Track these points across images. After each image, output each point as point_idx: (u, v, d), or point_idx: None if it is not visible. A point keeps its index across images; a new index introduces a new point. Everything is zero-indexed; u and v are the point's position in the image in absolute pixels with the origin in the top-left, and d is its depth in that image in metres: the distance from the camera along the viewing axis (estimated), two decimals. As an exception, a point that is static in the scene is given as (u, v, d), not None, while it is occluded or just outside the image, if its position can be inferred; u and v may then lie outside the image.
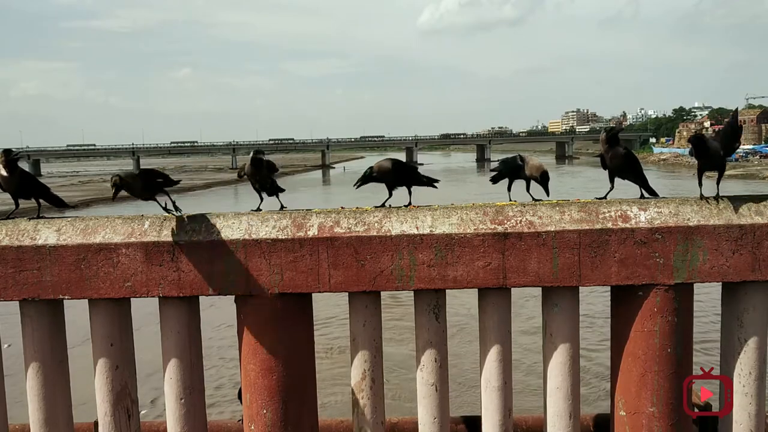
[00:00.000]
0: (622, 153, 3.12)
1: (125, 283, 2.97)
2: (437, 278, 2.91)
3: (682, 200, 2.98)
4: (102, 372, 3.07)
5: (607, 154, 3.13)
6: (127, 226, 3.02)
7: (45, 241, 2.98)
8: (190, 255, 2.95)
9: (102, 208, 42.92)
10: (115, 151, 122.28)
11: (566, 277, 2.88)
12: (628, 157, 3.14)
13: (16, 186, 3.09)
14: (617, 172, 3.17)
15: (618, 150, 3.12)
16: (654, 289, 2.86)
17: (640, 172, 3.16)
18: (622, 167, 3.15)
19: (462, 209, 3.01)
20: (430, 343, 3.03)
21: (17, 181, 3.09)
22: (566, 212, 2.94)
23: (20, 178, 3.09)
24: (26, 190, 3.14)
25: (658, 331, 2.86)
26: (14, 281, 2.99)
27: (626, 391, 2.95)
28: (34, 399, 3.10)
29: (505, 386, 3.03)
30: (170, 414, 3.09)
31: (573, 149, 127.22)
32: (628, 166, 3.16)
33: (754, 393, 2.95)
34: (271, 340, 2.97)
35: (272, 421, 3.00)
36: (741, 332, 2.95)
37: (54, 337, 3.13)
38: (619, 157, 3.12)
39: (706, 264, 2.85)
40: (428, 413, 3.05)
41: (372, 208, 3.13)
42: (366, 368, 3.06)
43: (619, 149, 3.12)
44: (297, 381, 3.04)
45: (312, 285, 2.95)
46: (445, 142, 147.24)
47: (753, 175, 58.02)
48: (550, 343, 3.01)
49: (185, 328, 3.07)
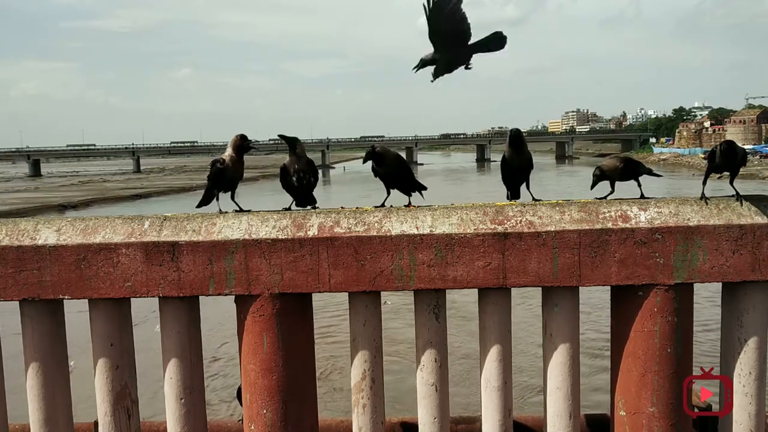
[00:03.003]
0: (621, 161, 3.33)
1: (125, 283, 2.97)
2: (437, 278, 2.91)
3: (682, 200, 2.98)
4: (102, 372, 3.07)
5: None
6: (127, 226, 3.02)
7: (45, 241, 2.99)
8: (190, 255, 2.95)
9: (102, 208, 42.95)
10: (115, 151, 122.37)
11: (566, 277, 2.88)
12: (630, 162, 3.32)
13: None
14: (618, 178, 3.32)
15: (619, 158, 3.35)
16: (654, 289, 2.86)
17: (645, 170, 3.33)
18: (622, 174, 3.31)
19: (462, 209, 3.01)
20: (430, 343, 3.03)
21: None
22: (566, 212, 2.94)
23: None
24: None
25: (658, 331, 2.86)
26: (14, 281, 2.99)
27: (626, 391, 2.96)
28: (34, 399, 3.10)
29: (505, 386, 3.03)
30: (170, 414, 3.09)
31: (573, 149, 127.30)
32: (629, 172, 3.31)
33: (754, 393, 2.95)
34: (271, 340, 2.97)
35: (272, 421, 3.00)
36: (741, 332, 2.95)
37: (54, 337, 3.13)
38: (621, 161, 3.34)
39: (706, 264, 2.85)
40: (428, 413, 3.05)
41: (372, 208, 3.13)
42: (366, 368, 3.06)
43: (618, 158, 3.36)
44: (297, 381, 3.04)
45: (312, 285, 2.95)
46: (445, 142, 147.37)
47: (753, 175, 58.02)
48: (550, 343, 3.01)
49: (185, 328, 3.08)
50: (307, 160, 3.30)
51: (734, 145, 2.97)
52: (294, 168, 3.26)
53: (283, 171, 3.29)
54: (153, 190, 57.95)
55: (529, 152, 3.36)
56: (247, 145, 3.23)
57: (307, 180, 3.26)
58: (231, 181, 3.26)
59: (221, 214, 3.09)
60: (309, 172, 3.27)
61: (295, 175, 3.25)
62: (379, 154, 3.24)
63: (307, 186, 3.27)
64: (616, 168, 3.28)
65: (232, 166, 3.22)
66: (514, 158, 3.31)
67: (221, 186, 3.24)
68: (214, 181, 3.21)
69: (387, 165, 3.29)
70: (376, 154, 3.23)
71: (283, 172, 3.29)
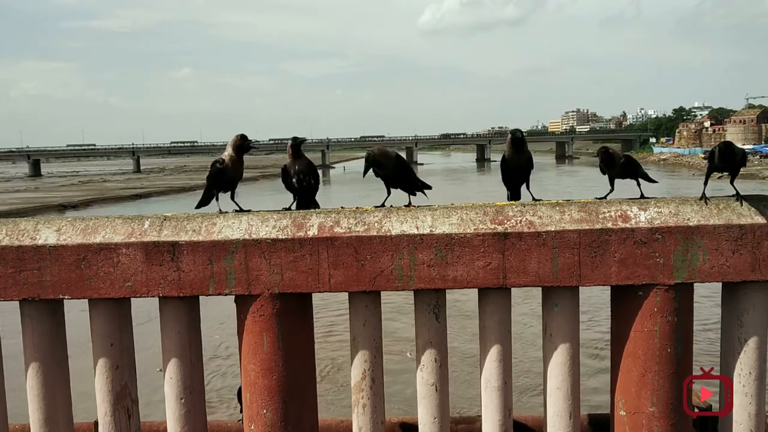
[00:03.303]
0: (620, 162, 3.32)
1: (125, 283, 2.97)
2: (437, 278, 2.91)
3: (682, 200, 2.98)
4: (102, 372, 3.07)
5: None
6: (127, 226, 3.02)
7: (45, 241, 2.99)
8: (190, 255, 2.95)
9: (102, 208, 42.94)
10: (115, 151, 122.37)
11: (566, 277, 2.88)
12: (628, 160, 3.33)
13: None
14: (617, 175, 3.33)
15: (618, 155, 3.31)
16: (654, 289, 2.86)
17: (642, 173, 3.34)
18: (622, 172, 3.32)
19: (462, 209, 3.01)
20: (430, 343, 3.03)
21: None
22: (566, 212, 2.94)
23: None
24: None
25: (658, 331, 2.86)
26: (14, 281, 2.99)
27: (626, 391, 2.96)
28: (34, 399, 3.10)
29: (505, 386, 3.03)
30: (170, 414, 3.10)
31: (573, 149, 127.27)
32: (628, 169, 3.32)
33: (754, 393, 2.95)
34: (271, 340, 2.97)
35: (272, 421, 3.00)
36: (741, 332, 2.95)
37: (54, 337, 3.13)
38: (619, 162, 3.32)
39: (706, 264, 2.85)
40: (428, 413, 3.05)
41: (372, 208, 3.13)
42: (366, 368, 3.06)
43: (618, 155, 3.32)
44: (297, 381, 3.04)
45: (312, 285, 2.95)
46: (445, 142, 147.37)
47: (753, 175, 58.01)
48: (550, 343, 3.01)
49: (185, 328, 3.07)
50: (307, 162, 3.34)
51: (732, 145, 2.98)
52: (294, 169, 3.31)
53: (283, 172, 3.37)
54: (153, 190, 57.97)
55: (529, 152, 3.37)
56: (247, 145, 3.25)
57: (307, 182, 3.30)
58: (231, 181, 3.27)
59: (221, 214, 3.10)
60: (309, 174, 3.31)
61: (295, 177, 3.32)
62: (378, 162, 3.24)
63: (307, 188, 3.31)
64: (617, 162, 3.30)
65: (232, 166, 3.23)
66: (514, 158, 3.31)
67: (221, 186, 3.25)
68: (214, 181, 3.22)
69: (386, 167, 3.29)
70: (375, 162, 3.24)
71: (284, 173, 3.37)
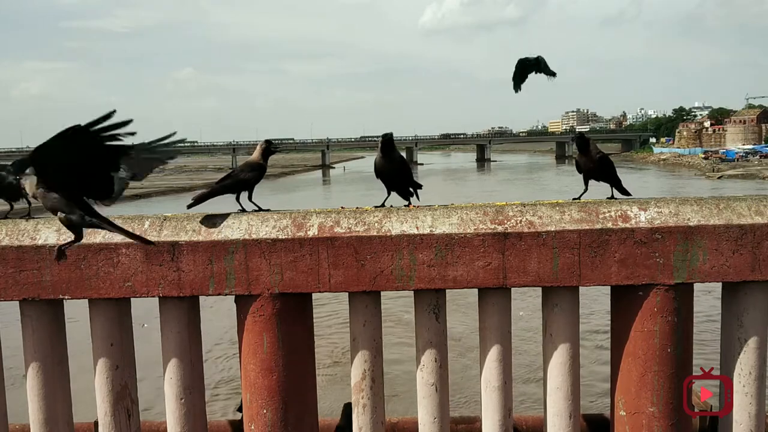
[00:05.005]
0: (596, 157, 3.31)
1: (125, 283, 2.97)
2: (437, 278, 2.91)
3: (682, 200, 2.98)
4: (102, 372, 3.07)
5: (581, 159, 3.35)
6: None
7: (45, 240, 2.99)
8: (190, 255, 2.95)
9: (102, 208, 42.85)
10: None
11: (566, 277, 2.88)
12: (603, 161, 3.32)
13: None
14: (592, 175, 3.34)
15: (591, 154, 3.31)
16: (654, 289, 2.86)
17: (614, 174, 3.33)
18: (596, 171, 3.33)
19: (462, 209, 3.01)
20: (430, 343, 3.03)
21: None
22: (566, 212, 2.94)
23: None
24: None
25: (658, 331, 2.86)
26: (14, 281, 2.99)
27: (626, 391, 2.96)
28: (34, 399, 3.10)
29: (505, 386, 3.03)
30: (170, 414, 3.10)
31: (573, 149, 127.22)
32: (603, 169, 3.33)
33: (754, 393, 2.95)
34: (271, 340, 2.97)
35: (272, 421, 3.00)
36: (741, 332, 2.95)
37: (54, 337, 3.13)
38: (593, 161, 3.32)
39: (706, 264, 2.85)
40: (428, 413, 3.05)
41: (372, 208, 3.13)
42: (366, 368, 3.06)
43: (592, 153, 3.31)
44: (297, 381, 3.04)
45: (312, 285, 2.95)
46: (445, 142, 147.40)
47: (753, 175, 58.03)
48: (550, 343, 3.01)
49: (185, 328, 3.08)
50: (396, 157, 3.35)
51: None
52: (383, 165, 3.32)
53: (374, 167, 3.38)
54: (153, 190, 57.91)
55: (401, 156, 3.36)
56: (273, 149, 3.34)
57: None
58: (252, 185, 3.32)
59: (244, 213, 3.09)
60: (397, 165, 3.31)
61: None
62: (391, 147, 3.26)
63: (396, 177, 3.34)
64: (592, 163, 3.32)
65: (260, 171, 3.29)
66: (383, 163, 3.28)
67: (244, 189, 3.30)
68: (243, 185, 3.23)
69: (392, 159, 3.30)
70: (389, 143, 3.25)
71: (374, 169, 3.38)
